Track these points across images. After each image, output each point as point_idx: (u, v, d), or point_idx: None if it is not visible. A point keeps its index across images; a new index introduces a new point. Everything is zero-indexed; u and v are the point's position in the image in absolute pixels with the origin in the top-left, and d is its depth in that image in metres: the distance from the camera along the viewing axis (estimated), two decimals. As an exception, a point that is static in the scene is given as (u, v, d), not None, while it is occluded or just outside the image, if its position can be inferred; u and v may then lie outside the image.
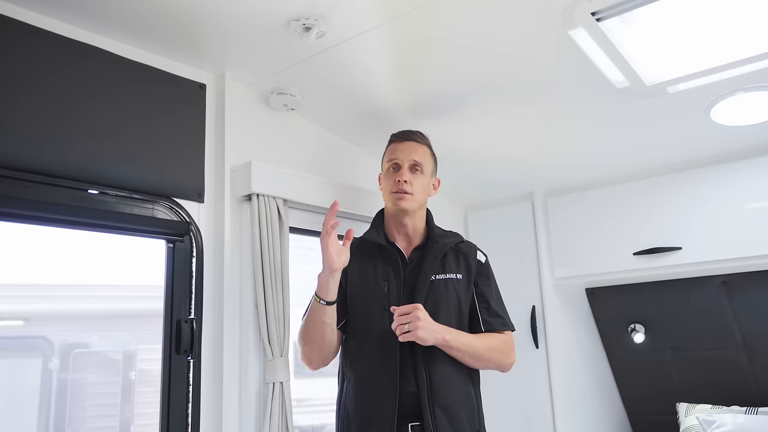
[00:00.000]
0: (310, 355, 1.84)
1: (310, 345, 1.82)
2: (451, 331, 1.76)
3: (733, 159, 2.44)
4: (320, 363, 1.86)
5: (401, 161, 1.91)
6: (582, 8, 1.65)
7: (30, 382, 1.75)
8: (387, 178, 1.93)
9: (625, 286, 2.83)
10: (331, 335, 1.80)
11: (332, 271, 1.72)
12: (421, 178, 1.91)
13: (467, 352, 1.78)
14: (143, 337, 2.01)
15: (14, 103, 1.60)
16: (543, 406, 2.76)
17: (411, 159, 1.91)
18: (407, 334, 1.68)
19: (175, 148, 1.93)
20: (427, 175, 1.94)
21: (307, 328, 1.81)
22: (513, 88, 2.12)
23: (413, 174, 1.90)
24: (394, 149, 1.95)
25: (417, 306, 1.70)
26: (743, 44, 1.80)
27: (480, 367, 1.87)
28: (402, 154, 1.92)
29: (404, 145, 1.94)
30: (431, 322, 1.72)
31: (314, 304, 1.77)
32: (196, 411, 1.85)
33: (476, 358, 1.80)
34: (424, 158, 1.94)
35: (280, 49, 1.93)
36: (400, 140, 1.96)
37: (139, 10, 1.72)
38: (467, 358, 1.79)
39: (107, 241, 1.89)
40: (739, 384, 2.72)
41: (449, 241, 1.91)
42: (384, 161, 1.99)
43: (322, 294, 1.74)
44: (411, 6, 1.71)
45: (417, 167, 1.91)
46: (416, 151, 1.93)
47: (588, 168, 2.71)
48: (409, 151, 1.92)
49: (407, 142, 1.95)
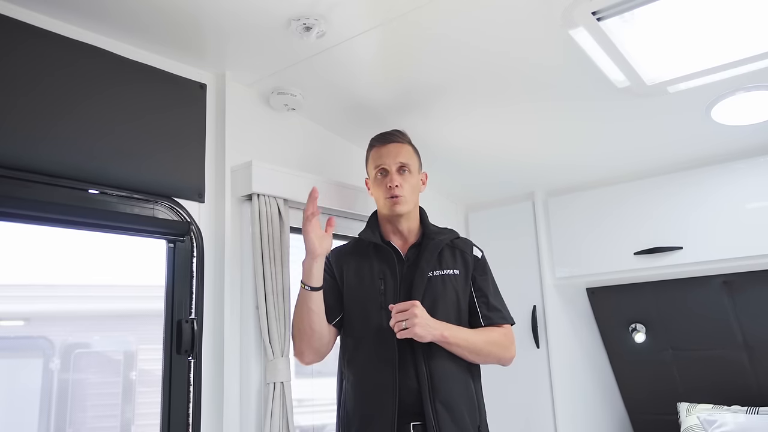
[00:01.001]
0: (300, 347, 1.85)
1: (300, 336, 1.84)
2: (449, 327, 1.76)
3: (733, 158, 2.44)
4: (312, 356, 1.86)
5: (388, 165, 1.91)
6: (582, 8, 1.65)
7: (31, 382, 1.75)
8: (377, 184, 1.94)
9: (626, 286, 2.83)
10: (319, 324, 1.81)
11: (314, 256, 1.79)
12: (410, 178, 1.92)
13: (467, 348, 1.78)
14: (144, 337, 2.01)
15: (15, 102, 1.59)
16: (544, 406, 2.75)
17: (397, 162, 1.91)
18: (404, 331, 1.68)
19: (175, 147, 1.92)
20: (414, 173, 1.95)
21: (296, 318, 1.84)
22: (514, 87, 2.12)
23: (402, 176, 1.90)
24: (378, 154, 1.95)
25: (414, 303, 1.71)
26: (743, 44, 1.80)
27: (480, 362, 1.86)
28: (387, 159, 1.92)
29: (387, 149, 1.94)
30: (429, 318, 1.72)
31: (301, 292, 1.82)
32: (197, 411, 1.85)
33: (476, 353, 1.80)
34: (409, 158, 1.94)
35: (281, 48, 1.93)
36: (382, 143, 1.95)
37: (139, 9, 1.72)
38: (467, 353, 1.79)
39: (108, 241, 1.89)
40: (740, 384, 2.72)
41: (445, 238, 1.92)
42: (369, 167, 1.99)
43: (307, 279, 1.80)
44: (411, 6, 1.71)
45: (404, 168, 1.91)
46: (400, 152, 1.93)
47: (589, 168, 2.71)
48: (393, 154, 1.92)
49: (389, 144, 1.94)
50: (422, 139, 2.44)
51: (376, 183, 1.94)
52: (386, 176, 1.91)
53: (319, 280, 1.80)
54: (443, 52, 1.94)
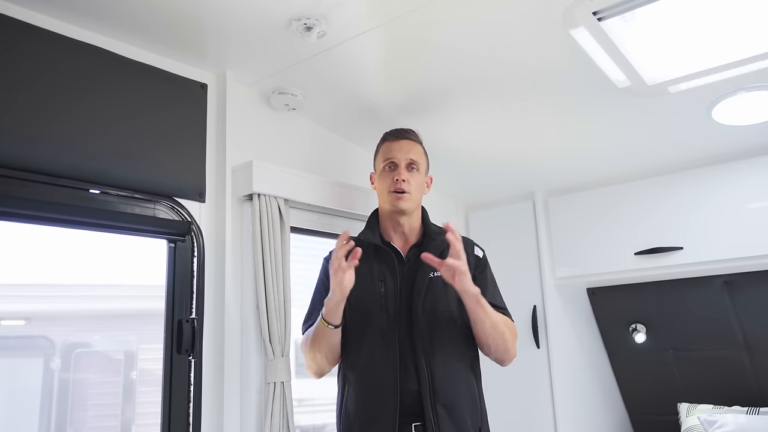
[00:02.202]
0: (316, 369, 1.84)
1: (316, 361, 1.82)
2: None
3: (734, 158, 2.43)
4: (325, 372, 1.88)
5: (398, 160, 1.90)
6: (583, 8, 1.65)
7: (31, 381, 1.75)
8: (383, 177, 1.92)
9: (627, 286, 2.83)
10: (336, 353, 1.81)
11: (344, 298, 1.71)
12: (417, 176, 1.91)
13: (491, 317, 1.74)
14: (144, 337, 2.01)
15: (17, 103, 1.60)
16: (544, 406, 2.75)
17: (408, 158, 1.90)
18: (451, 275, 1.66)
19: (176, 147, 1.93)
20: (422, 173, 1.94)
21: (314, 348, 1.79)
22: (515, 87, 2.12)
23: (410, 173, 1.89)
24: (389, 148, 1.94)
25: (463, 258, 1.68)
26: (744, 44, 1.80)
27: (489, 343, 1.79)
28: (398, 153, 1.91)
29: (399, 144, 1.93)
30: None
31: (321, 327, 1.75)
32: (197, 411, 1.85)
33: (494, 327, 1.75)
34: (419, 156, 1.93)
35: (282, 48, 1.93)
36: (395, 139, 1.95)
37: (140, 10, 1.72)
38: (487, 324, 1.74)
39: (109, 241, 1.89)
40: (740, 384, 2.72)
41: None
42: (378, 161, 1.97)
43: (331, 319, 1.73)
44: (412, 6, 1.71)
45: (413, 165, 1.91)
46: (412, 149, 1.93)
47: (589, 168, 2.71)
48: (404, 149, 1.92)
49: (402, 140, 1.94)
50: (422, 139, 2.45)
51: (383, 176, 1.92)
52: (394, 170, 1.89)
53: (341, 318, 1.75)
54: (444, 52, 1.94)
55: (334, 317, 1.73)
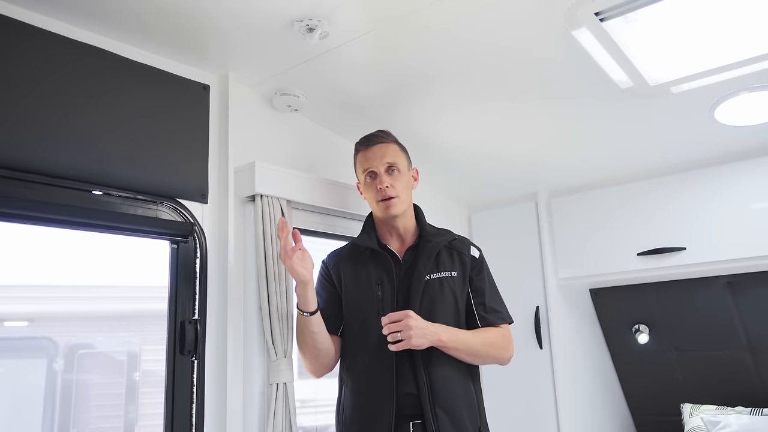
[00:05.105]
0: (310, 366, 1.87)
1: (307, 357, 1.85)
2: (447, 330, 1.75)
3: (737, 159, 2.43)
4: (323, 370, 1.88)
5: (375, 168, 1.89)
6: (585, 8, 1.64)
7: (34, 382, 1.75)
8: (367, 187, 1.92)
9: (629, 287, 2.83)
10: (323, 343, 1.82)
11: (305, 282, 1.75)
12: (400, 177, 1.90)
13: (465, 350, 1.77)
14: (147, 338, 2.01)
15: (19, 104, 1.60)
16: (547, 406, 2.75)
17: (384, 162, 1.89)
18: (400, 343, 1.68)
19: (178, 149, 1.93)
20: (404, 171, 1.92)
21: (300, 342, 1.84)
22: (517, 88, 2.12)
23: (391, 176, 1.88)
24: (364, 157, 1.92)
25: (407, 313, 1.69)
26: (747, 44, 1.80)
27: (479, 363, 1.86)
28: (374, 161, 1.89)
29: (372, 151, 1.91)
30: (425, 325, 1.70)
31: (299, 318, 1.80)
32: (200, 411, 1.85)
33: (474, 354, 1.80)
34: (396, 157, 1.91)
35: (284, 49, 1.93)
36: (367, 146, 1.93)
37: (142, 11, 1.72)
38: (465, 355, 1.78)
39: (111, 242, 1.89)
40: (743, 384, 2.71)
41: (442, 240, 1.90)
42: (358, 172, 1.97)
43: (303, 306, 1.77)
44: (414, 6, 1.71)
45: (392, 168, 1.89)
46: (386, 152, 1.91)
47: (592, 168, 2.71)
48: (379, 155, 1.90)
49: (374, 146, 1.92)
50: (424, 140, 2.45)
51: (367, 186, 1.92)
52: (375, 179, 1.88)
53: (314, 304, 1.78)
54: (446, 53, 1.94)
55: (305, 303, 1.77)
